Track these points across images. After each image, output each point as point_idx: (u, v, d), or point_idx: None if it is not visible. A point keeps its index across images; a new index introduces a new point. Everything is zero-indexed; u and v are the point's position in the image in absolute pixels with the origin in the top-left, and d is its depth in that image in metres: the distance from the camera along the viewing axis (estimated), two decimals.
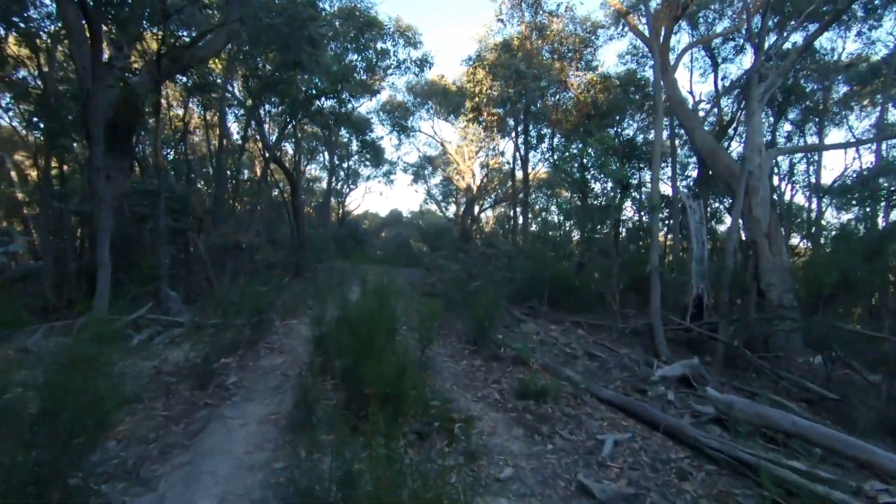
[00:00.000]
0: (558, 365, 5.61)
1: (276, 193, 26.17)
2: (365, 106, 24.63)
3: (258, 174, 30.13)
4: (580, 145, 15.81)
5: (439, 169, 31.40)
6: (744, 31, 12.00)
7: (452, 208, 35.73)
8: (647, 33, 11.21)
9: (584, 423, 4.11)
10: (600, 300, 11.21)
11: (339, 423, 4.03)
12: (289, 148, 29.66)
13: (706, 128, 13.14)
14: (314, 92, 9.03)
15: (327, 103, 10.11)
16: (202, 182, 17.38)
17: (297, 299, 10.66)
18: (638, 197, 18.34)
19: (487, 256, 9.41)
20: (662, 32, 11.01)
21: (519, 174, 21.44)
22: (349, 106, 9.56)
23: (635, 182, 18.29)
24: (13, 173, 18.62)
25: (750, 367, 6.15)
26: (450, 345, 7.20)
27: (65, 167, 9.85)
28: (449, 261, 16.76)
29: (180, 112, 15.65)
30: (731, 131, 14.20)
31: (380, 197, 73.24)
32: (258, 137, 18.75)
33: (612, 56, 39.63)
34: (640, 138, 15.46)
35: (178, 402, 4.44)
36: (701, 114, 15.33)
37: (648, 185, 15.24)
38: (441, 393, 4.57)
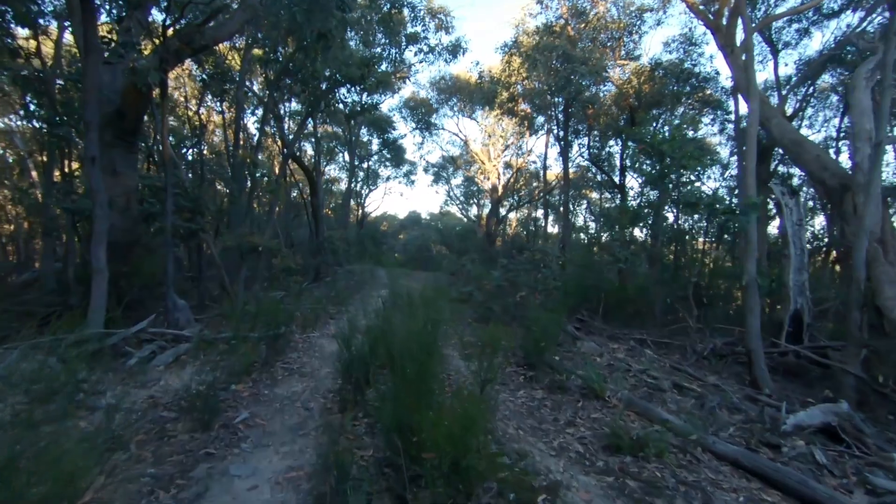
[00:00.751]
0: (644, 401, 4.49)
1: (294, 195, 25.57)
2: (386, 104, 23.79)
3: (276, 173, 29.68)
4: (620, 142, 14.60)
5: (461, 169, 30.40)
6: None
7: (473, 210, 34.70)
8: (708, 14, 9.99)
9: (713, 498, 3.00)
10: (650, 311, 10.04)
11: (379, 490, 3.02)
12: (308, 148, 29.15)
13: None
14: (339, 78, 8.12)
15: (349, 96, 9.23)
16: (219, 182, 16.74)
17: (318, 307, 9.76)
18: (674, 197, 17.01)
19: (529, 262, 8.30)
20: (726, 13, 9.78)
21: (551, 173, 20.28)
22: (374, 98, 8.60)
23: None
24: (34, 173, 18.32)
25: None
26: (499, 366, 6.14)
27: (72, 162, 9.17)
28: (477, 265, 15.70)
29: (200, 110, 15.04)
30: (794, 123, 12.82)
31: (400, 198, 72.37)
32: (277, 134, 18.03)
33: (655, 45, 38.03)
34: (690, 133, 14.20)
35: (172, 448, 3.49)
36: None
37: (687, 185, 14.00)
38: (509, 444, 3.51)
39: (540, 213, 31.79)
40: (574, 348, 6.76)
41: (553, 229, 35.05)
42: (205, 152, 12.96)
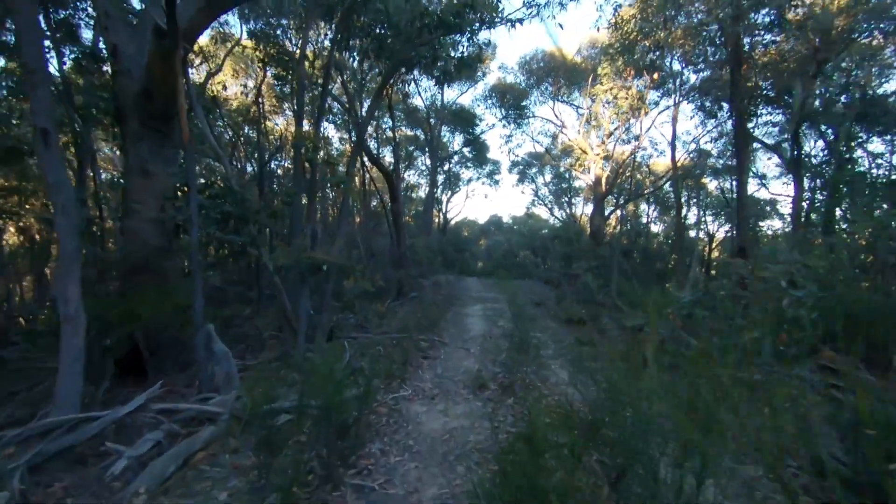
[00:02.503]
0: None
1: (374, 203, 24.27)
2: (468, 95, 21.36)
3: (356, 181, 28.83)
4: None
5: (550, 165, 27.14)
6: None
7: (559, 211, 31.12)
8: None
9: None
10: None
11: None
12: (387, 154, 27.91)
13: None
14: (426, 22, 5.85)
15: (442, 51, 6.90)
16: (276, 181, 15.30)
17: (405, 338, 7.45)
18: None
19: (730, 277, 5.11)
20: None
21: (659, 162, 16.46)
22: (473, 45, 6.10)
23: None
24: None
25: None
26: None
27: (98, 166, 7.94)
28: (594, 275, 12.58)
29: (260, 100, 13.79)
30: None
31: (484, 200, 69.19)
32: (347, 119, 16.42)
33: None
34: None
35: None
36: None
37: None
38: None
39: (646, 208, 27.42)
40: None
41: (656, 227, 30.25)
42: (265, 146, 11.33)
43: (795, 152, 10.17)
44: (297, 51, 7.30)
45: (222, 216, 5.07)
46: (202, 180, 4.91)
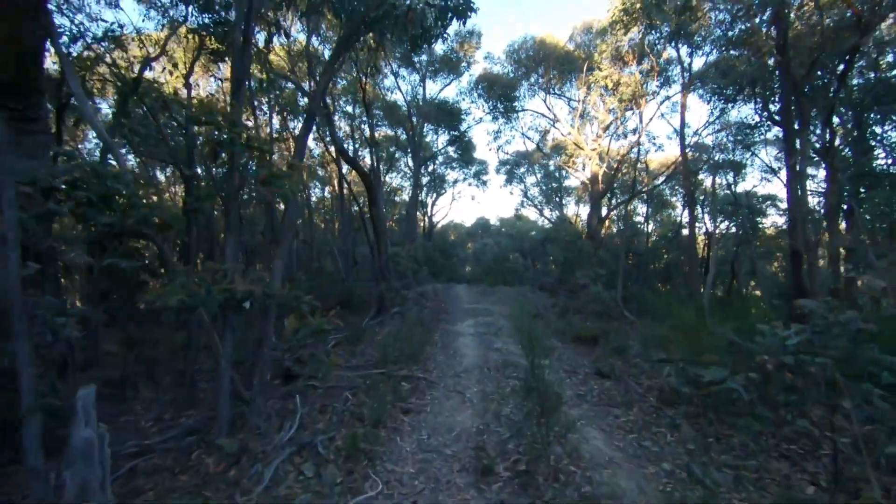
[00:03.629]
0: None
1: (356, 209, 22.57)
2: (452, 89, 19.83)
3: (334, 187, 27.09)
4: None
5: (540, 163, 25.80)
6: None
7: (549, 211, 29.79)
8: None
9: None
10: None
11: None
12: (367, 157, 26.21)
13: None
14: None
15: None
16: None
17: (384, 387, 5.81)
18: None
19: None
20: None
21: (655, 158, 15.19)
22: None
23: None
24: None
25: None
26: None
27: None
28: (599, 284, 11.12)
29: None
30: None
31: (471, 202, 66.28)
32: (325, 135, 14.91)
33: None
34: None
35: None
36: None
37: None
38: None
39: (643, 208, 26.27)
40: None
41: (650, 226, 29.14)
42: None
43: (828, 138, 8.87)
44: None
45: (102, 230, 3.41)
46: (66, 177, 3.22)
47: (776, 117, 9.22)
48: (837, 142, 10.72)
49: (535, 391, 4.13)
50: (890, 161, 12.06)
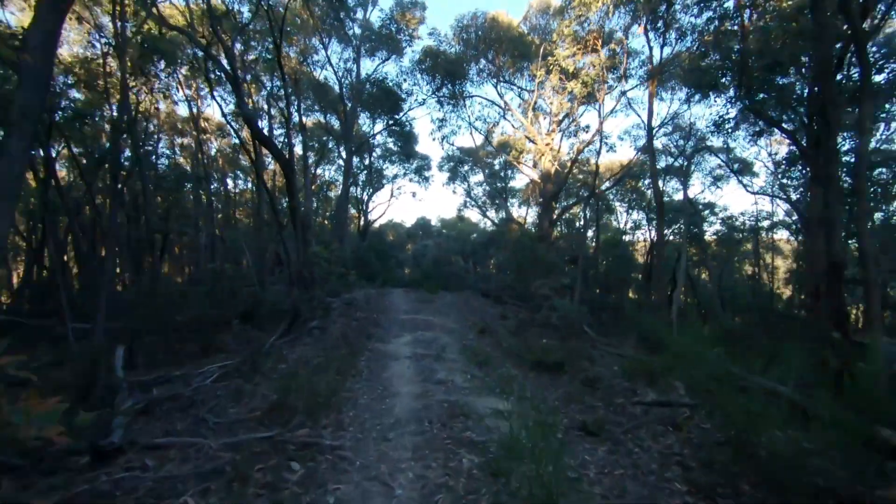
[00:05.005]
0: None
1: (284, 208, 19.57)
2: (392, 68, 17.63)
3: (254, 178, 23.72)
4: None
5: (484, 161, 24.37)
6: None
7: (494, 212, 28.53)
8: None
9: None
10: None
11: None
12: (298, 147, 23.16)
13: None
14: None
15: None
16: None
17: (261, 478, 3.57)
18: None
19: None
20: None
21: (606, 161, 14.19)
22: None
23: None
24: None
25: None
26: None
27: None
28: (561, 296, 9.56)
29: None
30: None
31: (412, 199, 61.85)
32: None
33: None
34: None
35: None
36: None
37: None
38: None
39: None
40: None
41: (589, 233, 28.84)
42: None
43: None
44: None
45: None
46: None
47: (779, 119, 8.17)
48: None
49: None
50: None
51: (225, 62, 9.88)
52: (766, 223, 19.47)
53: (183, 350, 8.67)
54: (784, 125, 9.38)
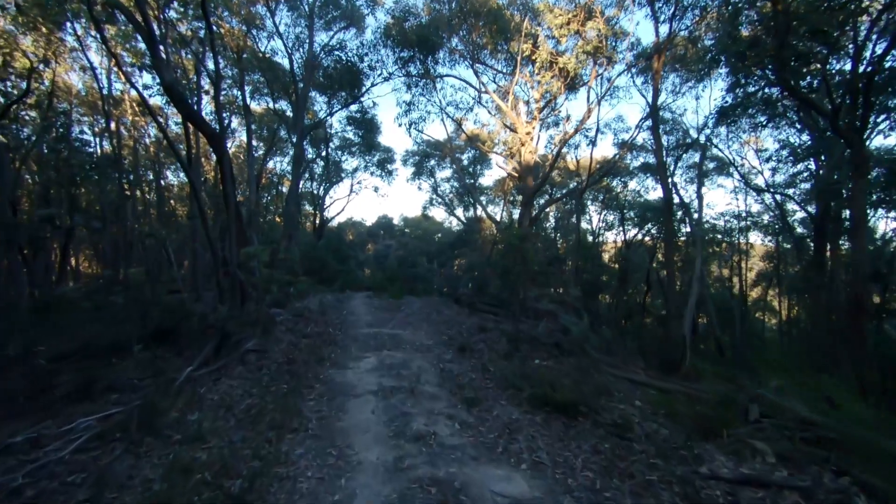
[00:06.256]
0: None
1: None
2: (351, 40, 15.50)
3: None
4: None
5: (453, 156, 22.67)
6: None
7: (462, 211, 26.86)
8: None
9: None
10: None
11: None
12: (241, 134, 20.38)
13: None
14: None
15: None
16: None
17: None
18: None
19: None
20: None
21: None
22: None
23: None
24: None
25: None
26: None
27: None
28: (558, 303, 7.92)
29: None
30: None
31: (374, 195, 56.15)
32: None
33: None
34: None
35: None
36: None
37: None
38: None
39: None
40: None
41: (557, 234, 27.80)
42: None
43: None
44: None
45: None
46: None
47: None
48: None
49: None
50: None
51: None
52: (741, 224, 18.98)
53: (58, 389, 6.29)
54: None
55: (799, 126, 11.80)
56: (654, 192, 21.36)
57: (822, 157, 11.44)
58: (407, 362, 7.77)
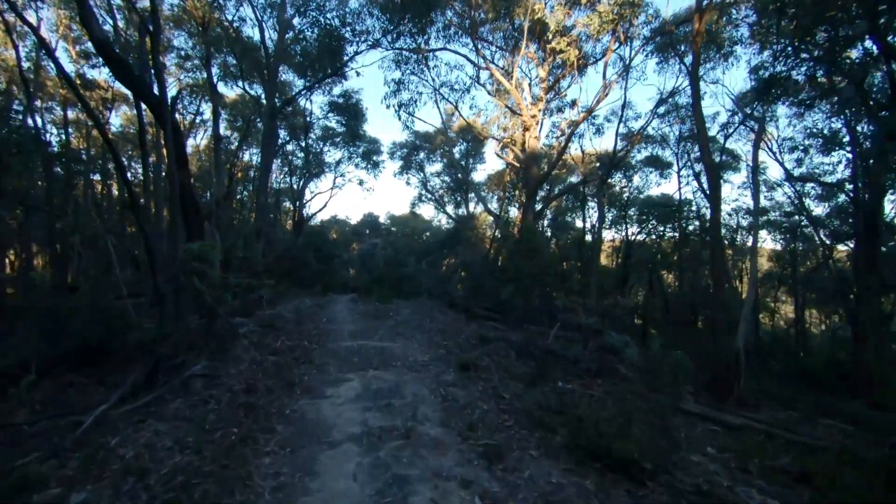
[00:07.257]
0: None
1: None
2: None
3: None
4: None
5: (444, 147, 21.10)
6: None
7: (453, 208, 25.27)
8: None
9: None
10: None
11: None
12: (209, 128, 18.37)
13: None
14: None
15: None
16: None
17: None
18: None
19: None
20: None
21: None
22: None
23: None
24: None
25: None
26: None
27: None
28: (604, 322, 6.42)
29: None
30: None
31: (358, 190, 49.87)
32: None
33: None
34: None
35: None
36: None
37: None
38: None
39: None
40: None
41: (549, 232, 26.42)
42: None
43: None
44: None
45: None
46: None
47: None
48: None
49: None
50: None
51: None
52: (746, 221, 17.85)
53: None
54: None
55: (838, 108, 10.65)
56: (657, 189, 20.03)
57: (865, 145, 10.37)
58: (399, 387, 6.16)
